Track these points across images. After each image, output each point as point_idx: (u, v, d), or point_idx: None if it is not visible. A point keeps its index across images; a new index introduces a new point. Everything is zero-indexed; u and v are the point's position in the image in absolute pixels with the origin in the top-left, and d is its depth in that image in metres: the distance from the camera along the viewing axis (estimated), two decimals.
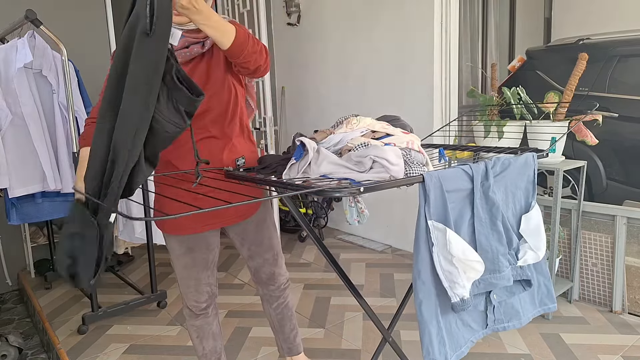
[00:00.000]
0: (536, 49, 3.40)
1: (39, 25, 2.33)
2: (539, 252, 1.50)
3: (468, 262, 1.30)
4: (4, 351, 2.42)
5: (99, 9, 3.66)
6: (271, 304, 1.88)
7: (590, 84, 2.85)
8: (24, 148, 2.51)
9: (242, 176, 1.50)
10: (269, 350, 2.28)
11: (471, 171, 1.36)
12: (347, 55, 3.79)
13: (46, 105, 2.57)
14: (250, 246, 1.78)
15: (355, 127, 1.43)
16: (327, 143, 1.42)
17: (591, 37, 3.05)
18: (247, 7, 3.70)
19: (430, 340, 1.35)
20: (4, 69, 2.43)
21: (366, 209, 1.87)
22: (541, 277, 1.61)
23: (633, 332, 2.32)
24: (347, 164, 1.30)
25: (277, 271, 1.83)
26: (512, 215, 1.50)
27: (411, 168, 1.31)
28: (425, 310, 1.34)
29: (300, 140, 1.36)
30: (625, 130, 2.68)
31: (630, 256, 2.48)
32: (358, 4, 3.63)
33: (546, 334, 2.32)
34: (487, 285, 1.42)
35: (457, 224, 1.35)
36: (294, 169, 1.38)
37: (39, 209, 2.73)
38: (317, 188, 1.18)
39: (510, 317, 1.54)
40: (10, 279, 3.43)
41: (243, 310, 2.74)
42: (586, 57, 2.40)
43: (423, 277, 1.33)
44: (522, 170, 1.52)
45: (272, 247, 1.81)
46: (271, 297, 1.87)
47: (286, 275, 1.89)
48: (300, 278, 3.15)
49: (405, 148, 1.36)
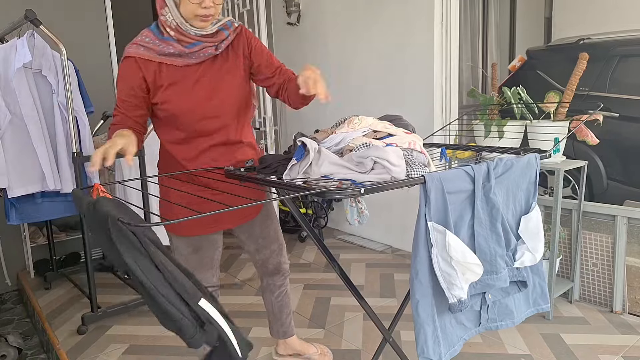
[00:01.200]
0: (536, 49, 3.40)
1: (38, 25, 2.32)
2: (537, 254, 1.49)
3: (467, 264, 1.30)
4: (4, 351, 2.41)
5: (99, 8, 3.66)
6: (273, 292, 1.98)
7: (591, 84, 2.85)
8: (23, 148, 2.51)
9: (243, 176, 1.50)
10: (269, 350, 2.28)
11: (473, 172, 1.36)
12: (347, 55, 3.78)
13: (46, 105, 2.56)
14: (257, 240, 1.86)
15: (357, 126, 1.42)
16: (329, 143, 1.42)
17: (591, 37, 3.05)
18: (247, 6, 3.69)
19: (425, 339, 1.35)
20: (3, 68, 2.42)
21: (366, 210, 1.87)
22: (536, 278, 1.61)
23: (633, 332, 2.32)
24: (348, 164, 1.30)
25: (282, 260, 1.95)
26: (511, 216, 1.50)
27: (413, 169, 1.31)
28: (421, 310, 1.34)
29: (302, 141, 1.36)
30: (626, 130, 2.68)
31: (631, 256, 2.48)
32: (358, 4, 3.62)
33: (546, 334, 2.32)
34: (484, 286, 1.41)
35: (456, 225, 1.35)
36: (295, 169, 1.37)
37: (39, 209, 2.72)
38: (318, 189, 1.18)
39: (503, 317, 1.55)
40: (9, 279, 3.42)
41: (243, 310, 2.73)
42: (587, 56, 2.40)
43: (421, 278, 1.33)
44: (524, 171, 1.51)
45: (277, 238, 1.91)
46: (274, 287, 1.97)
47: (288, 263, 2.01)
48: (300, 278, 3.14)
49: (407, 148, 1.36)
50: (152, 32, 1.53)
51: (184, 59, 1.53)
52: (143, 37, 1.53)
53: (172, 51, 1.50)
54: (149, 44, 1.51)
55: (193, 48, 1.52)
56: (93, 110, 2.78)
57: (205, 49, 1.53)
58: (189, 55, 1.52)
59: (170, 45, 1.50)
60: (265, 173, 1.50)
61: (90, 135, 2.67)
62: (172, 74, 1.53)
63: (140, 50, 1.51)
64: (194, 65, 1.55)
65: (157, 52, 1.51)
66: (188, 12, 1.45)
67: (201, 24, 1.48)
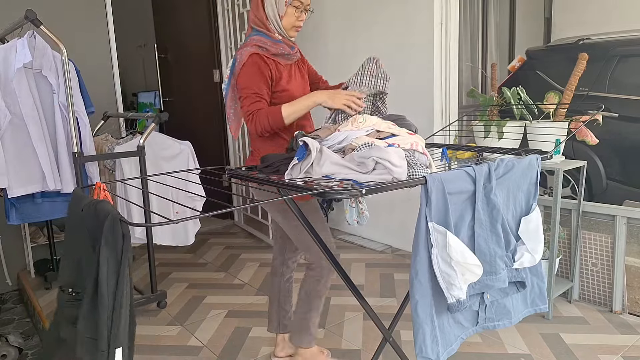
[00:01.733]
0: (536, 49, 3.40)
1: (38, 25, 2.32)
2: (536, 255, 1.50)
3: (467, 265, 1.31)
4: (4, 351, 2.42)
5: (100, 9, 3.66)
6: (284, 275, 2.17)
7: (590, 84, 2.85)
8: (23, 148, 2.50)
9: (244, 175, 1.50)
10: (269, 350, 2.28)
11: (474, 173, 1.36)
12: (347, 55, 3.78)
13: (46, 105, 2.56)
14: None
15: (362, 125, 1.42)
16: (331, 141, 1.42)
17: (591, 37, 3.05)
18: (247, 7, 3.70)
19: (423, 338, 1.35)
20: (3, 69, 2.42)
21: (367, 211, 1.87)
22: (535, 279, 1.61)
23: (633, 332, 2.33)
24: (349, 164, 1.30)
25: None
26: (512, 217, 1.50)
27: (414, 169, 1.31)
28: (420, 310, 1.35)
29: (304, 140, 1.36)
30: (625, 130, 2.68)
31: (630, 256, 2.48)
32: (358, 4, 3.63)
33: (546, 334, 2.33)
34: (483, 286, 1.42)
35: (457, 225, 1.35)
36: (297, 169, 1.38)
37: (39, 209, 2.72)
38: (319, 189, 1.18)
39: (501, 317, 1.55)
40: (10, 279, 3.42)
41: (243, 310, 2.74)
42: (586, 57, 2.40)
43: (420, 278, 1.33)
44: (525, 173, 1.51)
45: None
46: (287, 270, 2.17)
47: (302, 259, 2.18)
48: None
49: (409, 149, 1.36)
50: (263, 37, 1.83)
51: (285, 59, 1.86)
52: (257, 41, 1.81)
53: (282, 51, 1.83)
54: (266, 44, 1.81)
55: (293, 50, 1.89)
56: (94, 111, 2.77)
57: (297, 52, 1.93)
58: (289, 57, 1.87)
59: (281, 47, 1.83)
60: (267, 172, 1.50)
61: (90, 136, 2.67)
62: (283, 70, 1.86)
63: (260, 50, 1.80)
64: (290, 65, 1.90)
65: (271, 52, 1.81)
66: (288, 24, 1.83)
67: (294, 33, 1.88)
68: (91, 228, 1.13)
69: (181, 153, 2.98)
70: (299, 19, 1.83)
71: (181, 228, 2.98)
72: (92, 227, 1.12)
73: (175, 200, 2.10)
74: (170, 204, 2.84)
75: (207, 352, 2.32)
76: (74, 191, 1.33)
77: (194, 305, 2.83)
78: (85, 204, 1.16)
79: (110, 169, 2.98)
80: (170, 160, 2.95)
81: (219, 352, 2.31)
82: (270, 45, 1.80)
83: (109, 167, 2.98)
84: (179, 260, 3.64)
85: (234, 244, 3.98)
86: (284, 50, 1.83)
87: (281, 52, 1.83)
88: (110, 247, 1.04)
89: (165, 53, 4.92)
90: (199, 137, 4.03)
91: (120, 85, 3.80)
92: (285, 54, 1.85)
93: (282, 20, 1.82)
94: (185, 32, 4.66)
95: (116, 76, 3.77)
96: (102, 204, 1.09)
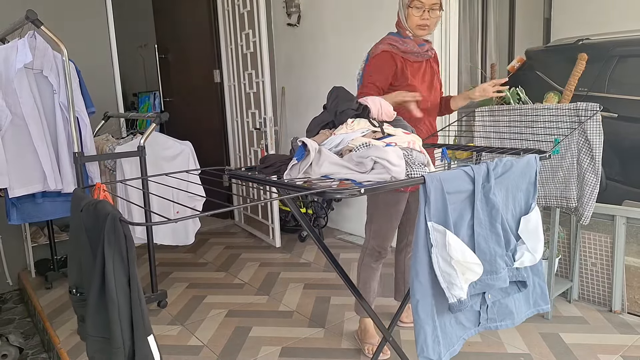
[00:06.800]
0: (536, 49, 3.41)
1: (39, 26, 2.33)
2: (536, 255, 1.50)
3: (467, 264, 1.31)
4: (5, 351, 2.42)
5: (100, 9, 3.67)
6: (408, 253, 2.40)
7: (590, 84, 2.85)
8: (24, 148, 2.51)
9: (244, 175, 1.51)
10: (269, 350, 2.29)
11: (472, 173, 1.36)
12: (347, 56, 3.79)
13: (47, 105, 2.57)
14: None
15: (357, 127, 1.43)
16: (328, 144, 1.42)
17: (591, 37, 3.05)
18: (247, 7, 3.70)
19: (425, 339, 1.36)
20: (4, 69, 2.42)
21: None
22: (536, 278, 1.61)
23: (633, 331, 2.33)
24: (348, 164, 1.31)
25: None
26: (511, 216, 1.51)
27: (412, 169, 1.32)
28: (421, 310, 1.35)
29: (302, 141, 1.36)
30: (625, 130, 2.69)
31: (630, 256, 2.49)
32: (358, 5, 3.63)
33: (546, 333, 2.33)
34: (483, 286, 1.42)
35: (456, 225, 1.36)
36: (295, 169, 1.38)
37: (40, 208, 2.73)
38: (318, 189, 1.19)
39: (503, 317, 1.55)
40: (10, 278, 3.43)
41: (243, 310, 2.74)
42: (586, 57, 2.41)
43: (421, 278, 1.34)
44: (524, 172, 1.52)
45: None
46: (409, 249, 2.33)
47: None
48: (300, 278, 3.16)
49: (407, 148, 1.37)
50: (394, 36, 2.08)
51: (415, 57, 2.06)
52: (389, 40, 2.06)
53: (411, 49, 2.04)
54: (396, 42, 2.05)
55: (423, 47, 2.09)
56: (94, 111, 2.78)
57: (428, 50, 2.12)
58: (418, 54, 2.07)
59: (409, 44, 2.05)
60: (267, 173, 1.50)
61: (91, 136, 2.68)
62: (411, 66, 2.06)
63: (391, 47, 2.03)
64: (421, 62, 2.10)
65: (401, 50, 2.04)
66: (412, 23, 2.03)
67: (420, 32, 2.04)
68: (90, 228, 1.13)
69: (182, 153, 2.99)
70: (422, 17, 2.00)
71: (181, 228, 2.99)
72: (92, 227, 1.12)
73: (175, 200, 2.11)
74: (171, 204, 2.85)
75: (208, 352, 2.32)
76: (74, 192, 1.34)
77: (195, 305, 2.84)
78: (85, 204, 1.16)
79: (111, 169, 2.98)
80: (171, 161, 2.96)
81: (219, 352, 2.31)
82: (400, 44, 2.04)
83: (109, 167, 2.99)
84: (180, 260, 3.65)
85: (234, 244, 3.99)
86: (413, 48, 2.05)
87: (410, 49, 2.04)
88: (112, 247, 1.04)
89: (165, 53, 4.93)
90: (199, 137, 4.03)
91: (120, 85, 3.81)
92: (415, 52, 2.06)
93: (407, 20, 2.04)
94: (186, 32, 4.67)
95: (117, 76, 3.77)
96: (102, 204, 1.10)
